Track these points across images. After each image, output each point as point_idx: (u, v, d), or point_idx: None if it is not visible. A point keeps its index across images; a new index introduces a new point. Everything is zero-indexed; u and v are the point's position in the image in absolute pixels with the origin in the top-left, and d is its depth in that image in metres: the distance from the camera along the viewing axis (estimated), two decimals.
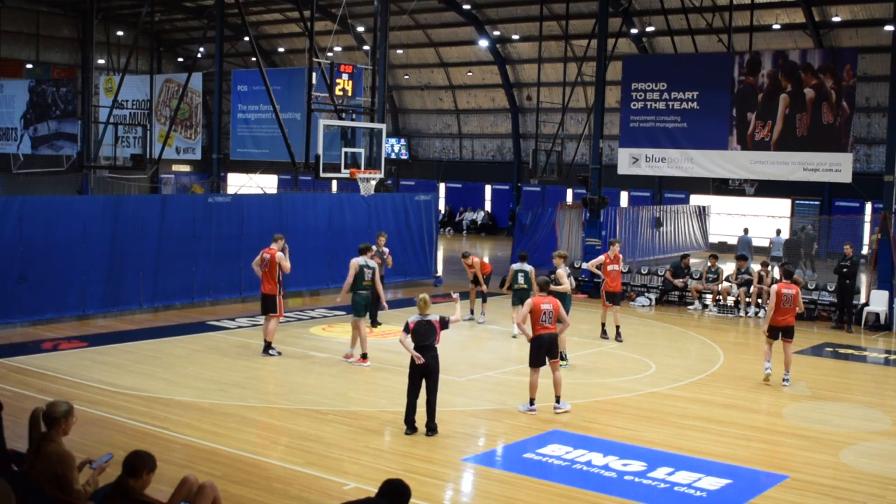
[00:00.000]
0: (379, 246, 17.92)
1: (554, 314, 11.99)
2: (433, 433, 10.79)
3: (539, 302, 11.99)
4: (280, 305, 14.82)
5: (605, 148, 25.91)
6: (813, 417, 12.41)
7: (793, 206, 36.17)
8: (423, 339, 10.81)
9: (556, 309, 12.03)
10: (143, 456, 6.34)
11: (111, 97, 31.63)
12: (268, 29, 46.07)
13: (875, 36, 31.15)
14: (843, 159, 20.72)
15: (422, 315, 10.89)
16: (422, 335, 10.82)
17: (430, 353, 10.82)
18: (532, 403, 11.99)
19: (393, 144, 45.40)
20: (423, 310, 10.93)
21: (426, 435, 10.74)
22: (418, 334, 10.82)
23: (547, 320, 11.91)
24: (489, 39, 40.12)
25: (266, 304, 14.88)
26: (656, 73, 23.12)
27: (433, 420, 10.85)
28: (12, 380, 12.74)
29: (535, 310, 11.91)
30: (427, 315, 10.90)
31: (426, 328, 10.82)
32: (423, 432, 10.82)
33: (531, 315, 11.92)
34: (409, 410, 10.87)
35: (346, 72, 22.43)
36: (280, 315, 14.98)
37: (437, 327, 10.85)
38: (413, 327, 10.83)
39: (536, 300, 12.05)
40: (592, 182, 24.12)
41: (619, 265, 17.53)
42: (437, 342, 10.91)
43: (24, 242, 16.52)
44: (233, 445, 10.16)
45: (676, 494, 9.14)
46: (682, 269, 22.66)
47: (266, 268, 14.75)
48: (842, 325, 19.56)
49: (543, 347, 11.90)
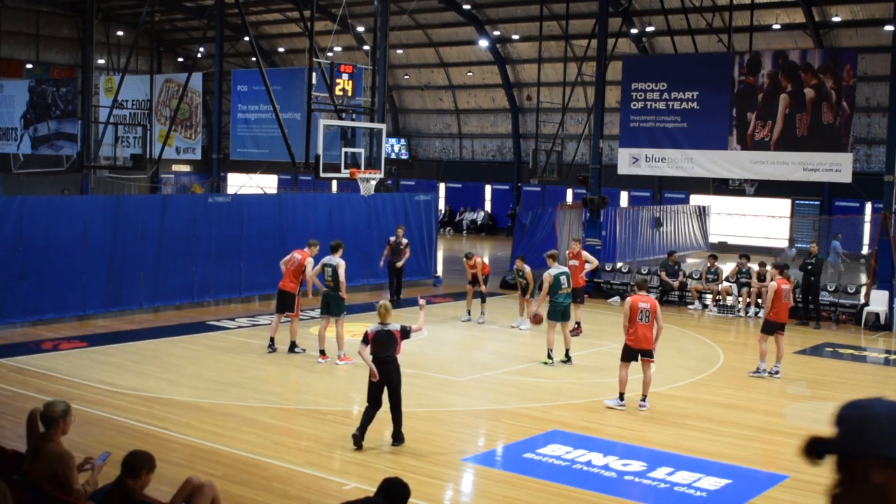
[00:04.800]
0: (398, 238, 19.26)
1: (651, 313, 12.29)
2: (398, 443, 10.27)
3: (637, 301, 12.33)
4: (298, 305, 15.05)
5: (605, 148, 25.91)
6: (813, 417, 12.39)
7: (793, 206, 36.16)
8: (383, 350, 10.20)
9: (653, 308, 12.33)
10: (143, 456, 6.34)
11: (111, 97, 31.63)
12: (268, 29, 46.07)
13: (875, 36, 31.14)
14: (843, 159, 20.72)
15: (382, 324, 10.30)
16: (381, 345, 10.20)
17: (391, 366, 10.23)
18: (622, 399, 12.25)
19: (393, 144, 45.39)
20: (383, 318, 10.33)
21: (392, 445, 10.27)
22: (378, 344, 10.21)
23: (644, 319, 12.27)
24: (489, 39, 40.12)
25: (284, 301, 15.10)
26: (656, 73, 23.12)
27: (398, 430, 10.31)
28: (12, 380, 12.74)
29: (634, 308, 12.25)
30: (388, 324, 10.31)
31: (386, 338, 10.20)
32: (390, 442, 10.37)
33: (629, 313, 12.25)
34: (363, 424, 10.16)
35: (346, 72, 22.44)
36: (297, 315, 15.14)
37: (397, 337, 10.24)
38: (372, 337, 10.22)
39: (635, 299, 12.38)
40: (592, 182, 24.12)
41: (578, 261, 17.73)
42: (398, 352, 10.31)
43: (24, 242, 16.51)
44: (233, 445, 10.16)
45: (676, 494, 9.14)
46: (671, 266, 22.55)
47: (292, 267, 14.97)
48: (807, 321, 19.74)
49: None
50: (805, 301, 20.09)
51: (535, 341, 16.31)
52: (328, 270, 14.81)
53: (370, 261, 21.65)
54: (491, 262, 30.00)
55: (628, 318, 12.30)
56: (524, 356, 15.61)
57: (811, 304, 20.01)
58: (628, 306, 12.34)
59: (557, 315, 15.20)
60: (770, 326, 14.51)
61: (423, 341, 16.77)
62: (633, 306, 12.29)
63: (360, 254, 21.61)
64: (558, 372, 14.49)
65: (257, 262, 20.38)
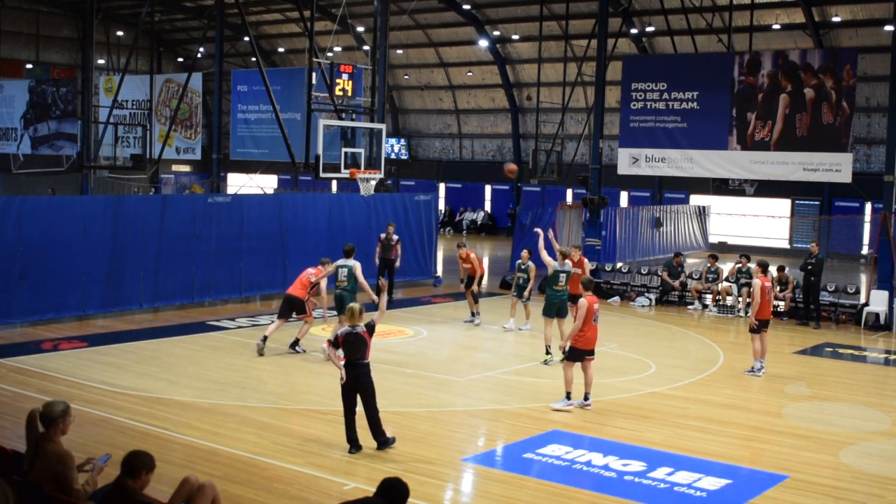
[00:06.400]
0: (388, 234, 19.05)
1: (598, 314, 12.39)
2: (384, 446, 10.07)
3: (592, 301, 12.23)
4: (310, 308, 15.21)
5: (605, 148, 25.91)
6: (813, 417, 12.41)
7: (793, 206, 36.17)
8: (353, 353, 9.97)
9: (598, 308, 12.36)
10: (142, 456, 6.34)
11: (111, 97, 31.63)
12: (268, 29, 46.07)
13: (875, 36, 31.15)
14: (842, 159, 20.72)
15: (351, 326, 10.06)
16: (350, 348, 9.98)
17: (360, 370, 9.97)
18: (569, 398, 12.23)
19: (393, 144, 45.40)
20: (351, 320, 10.10)
21: (377, 449, 10.05)
22: (347, 347, 9.99)
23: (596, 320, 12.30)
24: (489, 39, 40.12)
25: (290, 306, 15.18)
26: (656, 73, 23.12)
27: (378, 434, 10.07)
28: (12, 380, 12.74)
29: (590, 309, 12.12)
30: (357, 326, 10.05)
31: (354, 340, 9.96)
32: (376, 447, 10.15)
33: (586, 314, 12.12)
34: (348, 429, 10.05)
35: (346, 72, 22.43)
36: (310, 316, 15.26)
37: (366, 339, 9.99)
38: (342, 339, 10.02)
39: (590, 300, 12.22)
40: (592, 182, 24.12)
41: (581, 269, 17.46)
42: (367, 356, 10.03)
43: (24, 242, 16.49)
44: (233, 445, 10.15)
45: (676, 494, 9.13)
46: (675, 267, 22.64)
47: (305, 279, 15.14)
48: (808, 321, 19.80)
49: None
50: (805, 301, 20.10)
51: (535, 341, 16.31)
52: (342, 271, 15.00)
53: (370, 261, 21.63)
54: (491, 262, 30.01)
55: (583, 320, 12.03)
56: (524, 356, 15.61)
57: (811, 304, 20.01)
58: (585, 308, 12.03)
59: (552, 310, 15.12)
60: (760, 325, 14.72)
61: (424, 341, 16.77)
62: (589, 308, 12.06)
63: (360, 254, 21.53)
64: (558, 372, 14.46)
65: (257, 262, 20.39)
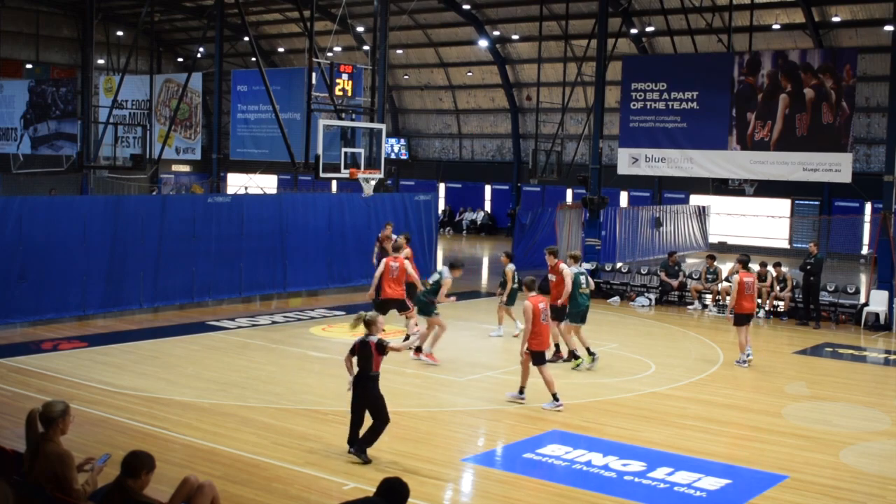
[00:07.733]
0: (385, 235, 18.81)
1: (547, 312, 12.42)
2: (355, 454, 9.67)
3: (537, 301, 12.14)
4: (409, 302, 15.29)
5: (605, 148, 25.90)
6: (813, 417, 12.41)
7: (792, 206, 36.18)
8: (361, 364, 9.68)
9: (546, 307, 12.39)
10: (142, 456, 6.34)
11: (111, 97, 31.63)
12: (268, 29, 46.06)
13: (875, 36, 31.14)
14: (842, 159, 20.72)
15: (366, 335, 9.76)
16: (360, 359, 9.70)
17: (366, 383, 9.63)
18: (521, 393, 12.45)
19: (393, 144, 45.39)
20: (366, 328, 9.79)
21: (348, 452, 9.78)
22: (358, 357, 9.73)
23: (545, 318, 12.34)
24: (489, 39, 40.12)
25: (399, 307, 15.15)
26: (656, 73, 23.12)
27: (363, 444, 9.68)
28: (12, 380, 12.74)
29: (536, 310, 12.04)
30: (369, 336, 9.71)
31: (362, 349, 9.67)
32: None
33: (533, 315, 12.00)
34: (351, 433, 9.84)
35: (345, 72, 22.42)
36: (413, 311, 15.32)
37: (372, 350, 9.61)
38: (357, 349, 9.77)
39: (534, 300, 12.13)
40: (592, 182, 24.12)
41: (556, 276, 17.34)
42: (375, 369, 9.65)
43: (24, 242, 16.49)
44: (233, 445, 10.15)
45: (676, 494, 9.14)
46: (671, 266, 22.64)
47: (395, 275, 14.92)
48: (807, 321, 19.81)
49: None
50: (805, 301, 20.11)
51: None
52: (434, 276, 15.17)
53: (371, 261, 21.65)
54: (491, 262, 30.00)
55: (531, 321, 11.87)
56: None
57: (811, 304, 20.02)
58: (530, 310, 11.84)
59: (577, 317, 14.79)
60: (740, 318, 15.40)
61: None
62: (535, 309, 11.88)
63: (360, 254, 21.62)
64: (557, 372, 14.47)
65: (257, 262, 20.38)
